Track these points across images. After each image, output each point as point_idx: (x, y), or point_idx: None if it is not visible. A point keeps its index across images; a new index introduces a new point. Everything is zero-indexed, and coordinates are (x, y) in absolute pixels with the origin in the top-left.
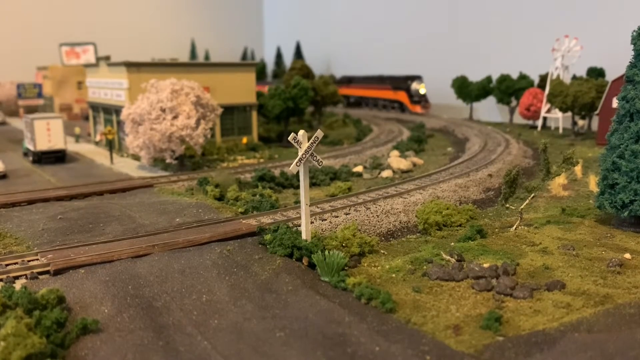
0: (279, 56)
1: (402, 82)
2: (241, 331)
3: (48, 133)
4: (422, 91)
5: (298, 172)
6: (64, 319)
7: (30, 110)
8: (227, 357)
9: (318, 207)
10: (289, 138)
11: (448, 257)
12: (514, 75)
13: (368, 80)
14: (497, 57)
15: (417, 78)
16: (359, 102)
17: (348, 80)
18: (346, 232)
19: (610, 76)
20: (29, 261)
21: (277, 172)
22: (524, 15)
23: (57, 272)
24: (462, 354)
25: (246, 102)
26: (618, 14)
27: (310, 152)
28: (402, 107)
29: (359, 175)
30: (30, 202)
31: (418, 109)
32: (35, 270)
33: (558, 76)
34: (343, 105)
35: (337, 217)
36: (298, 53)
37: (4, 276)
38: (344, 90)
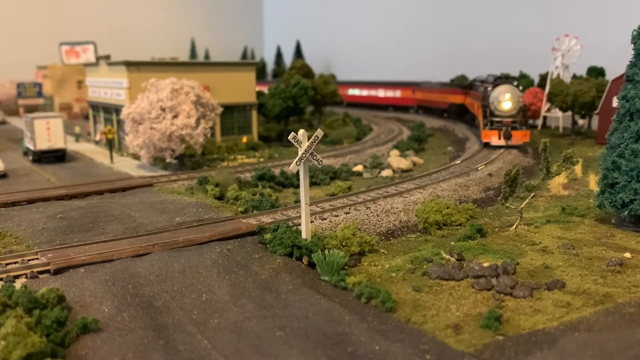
0: (279, 55)
1: (481, 87)
2: (241, 330)
3: (48, 132)
4: (505, 105)
5: (298, 171)
6: (64, 318)
7: (30, 109)
8: (227, 356)
9: (318, 207)
10: (289, 137)
11: (448, 257)
12: (514, 74)
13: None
14: (497, 56)
15: (508, 80)
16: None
17: (470, 85)
18: (346, 231)
19: (610, 75)
20: (29, 260)
21: (277, 172)
22: (524, 14)
23: (57, 271)
24: (462, 353)
25: (246, 102)
26: (618, 13)
27: (310, 151)
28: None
29: (359, 174)
30: (30, 201)
31: (493, 137)
32: (35, 270)
33: (558, 75)
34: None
35: (337, 216)
36: (298, 52)
37: (4, 275)
38: (467, 99)
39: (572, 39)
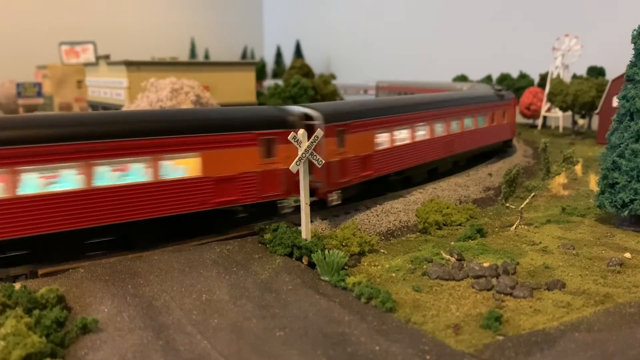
0: (278, 55)
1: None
2: (241, 330)
3: None
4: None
5: (298, 172)
6: (64, 318)
7: (30, 109)
8: (226, 357)
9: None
10: (288, 137)
11: (448, 257)
12: (514, 74)
13: None
14: (497, 56)
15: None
16: None
17: None
18: (346, 231)
19: (610, 75)
20: None
21: None
22: (524, 14)
23: (57, 271)
24: (462, 353)
25: (246, 101)
26: (618, 12)
27: (310, 151)
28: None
29: None
30: None
31: None
32: (35, 269)
33: (558, 75)
34: None
35: (337, 216)
36: (298, 52)
37: (4, 275)
38: None
39: (572, 39)
